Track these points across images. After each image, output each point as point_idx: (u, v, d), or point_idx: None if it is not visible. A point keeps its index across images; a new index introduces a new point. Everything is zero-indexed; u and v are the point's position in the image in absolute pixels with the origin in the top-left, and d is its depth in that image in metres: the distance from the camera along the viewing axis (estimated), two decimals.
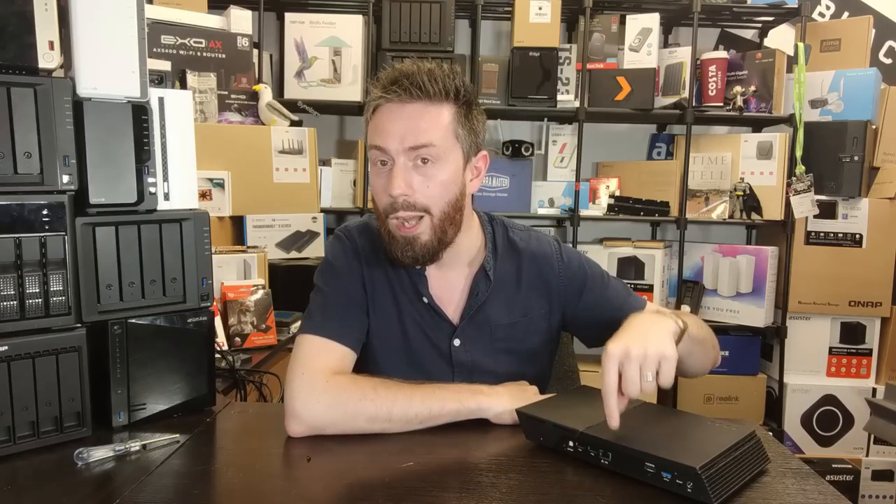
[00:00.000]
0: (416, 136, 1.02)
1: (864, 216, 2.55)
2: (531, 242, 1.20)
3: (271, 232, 2.16)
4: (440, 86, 1.03)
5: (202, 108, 2.13)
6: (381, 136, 1.03)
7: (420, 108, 1.03)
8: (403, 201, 1.03)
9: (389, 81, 1.03)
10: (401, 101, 1.03)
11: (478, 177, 1.13)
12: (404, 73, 1.03)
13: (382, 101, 1.04)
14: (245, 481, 0.84)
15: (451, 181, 1.06)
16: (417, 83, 1.02)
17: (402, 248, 1.06)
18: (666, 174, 2.69)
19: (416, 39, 2.49)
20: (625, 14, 2.59)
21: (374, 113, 1.06)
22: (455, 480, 0.85)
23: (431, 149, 1.02)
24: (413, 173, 1.03)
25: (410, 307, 1.14)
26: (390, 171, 1.03)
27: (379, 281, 1.14)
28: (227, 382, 1.40)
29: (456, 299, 1.15)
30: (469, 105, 1.07)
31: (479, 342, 1.15)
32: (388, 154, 1.03)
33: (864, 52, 2.63)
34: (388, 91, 1.03)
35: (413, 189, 1.03)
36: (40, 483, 0.84)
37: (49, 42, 0.92)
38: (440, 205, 1.05)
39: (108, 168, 0.97)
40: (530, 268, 1.18)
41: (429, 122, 1.03)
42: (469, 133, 1.07)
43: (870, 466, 2.54)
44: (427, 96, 1.02)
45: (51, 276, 0.92)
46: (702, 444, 0.84)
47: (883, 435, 1.81)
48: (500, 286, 1.16)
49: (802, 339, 2.65)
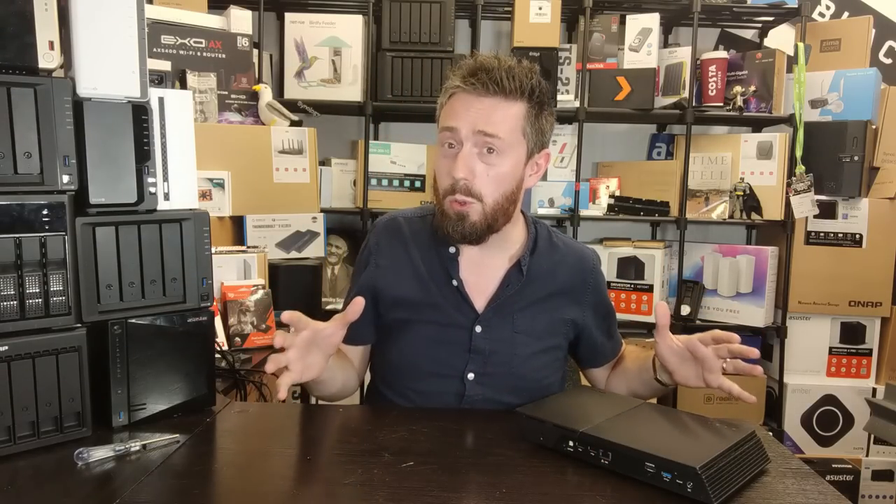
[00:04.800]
0: (486, 125, 1.07)
1: (864, 216, 2.55)
2: (574, 248, 1.27)
3: (271, 232, 2.16)
4: (517, 83, 1.07)
5: (202, 108, 2.13)
6: (454, 118, 1.09)
7: (494, 102, 1.08)
8: (463, 185, 1.08)
9: (469, 72, 1.08)
10: (477, 94, 1.08)
11: (537, 173, 1.18)
12: (484, 67, 1.08)
13: (459, 90, 1.09)
14: (245, 481, 0.84)
15: (510, 175, 1.11)
16: (495, 79, 1.06)
17: (453, 223, 1.11)
18: (666, 174, 2.69)
19: (416, 39, 2.48)
20: (625, 14, 2.59)
21: (450, 99, 1.12)
22: (455, 480, 0.85)
23: (497, 140, 1.07)
24: (477, 160, 1.09)
25: (437, 290, 1.18)
26: (456, 155, 1.09)
27: (401, 267, 1.20)
28: (227, 382, 1.40)
29: (488, 288, 1.19)
30: (541, 105, 1.12)
31: (501, 333, 1.17)
32: (456, 136, 1.08)
33: (864, 52, 2.62)
34: (466, 81, 1.08)
35: (474, 175, 1.08)
36: (40, 483, 0.84)
37: (49, 42, 0.92)
38: (495, 195, 1.10)
39: (108, 168, 0.96)
40: (567, 271, 1.23)
41: (500, 117, 1.08)
42: (536, 132, 1.13)
43: (870, 466, 2.54)
44: (503, 92, 1.07)
45: (51, 276, 0.92)
46: (702, 444, 0.84)
47: (883, 435, 1.81)
48: (532, 282, 1.19)
49: (802, 339, 2.65)
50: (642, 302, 2.63)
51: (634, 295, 2.65)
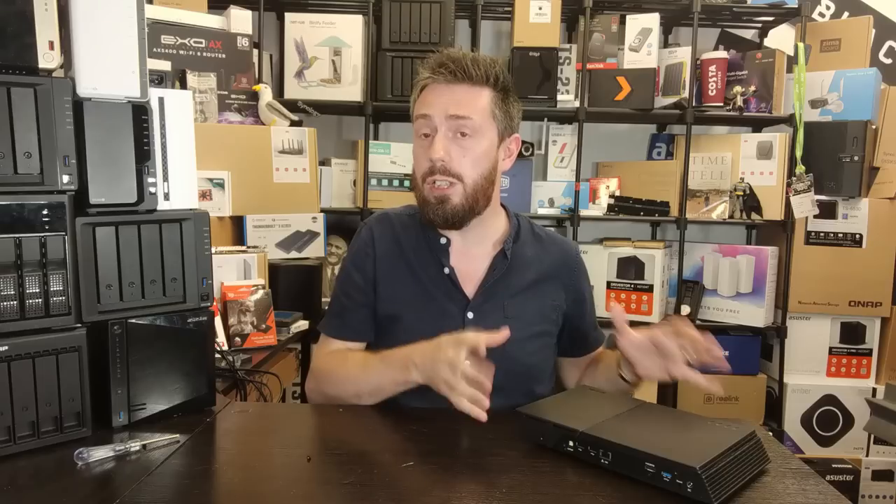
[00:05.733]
0: (458, 108, 1.14)
1: (864, 216, 2.56)
2: (556, 239, 1.33)
3: (271, 232, 2.16)
4: (482, 71, 1.15)
5: (202, 108, 2.13)
6: (427, 106, 1.16)
7: (463, 88, 1.15)
8: (441, 166, 1.14)
9: (438, 64, 1.16)
10: (447, 82, 1.15)
11: (510, 157, 1.25)
12: (451, 58, 1.16)
13: (430, 80, 1.17)
14: (245, 481, 0.84)
15: (485, 155, 1.17)
16: (462, 66, 1.14)
17: (433, 208, 1.16)
18: (666, 174, 2.69)
19: (416, 39, 2.49)
20: (625, 14, 2.59)
21: (422, 91, 1.19)
22: (455, 480, 0.86)
23: (469, 122, 1.14)
24: (452, 143, 1.15)
25: (429, 281, 1.23)
26: (432, 140, 1.15)
27: (395, 261, 1.24)
28: (227, 382, 1.40)
29: (477, 275, 1.24)
30: (506, 91, 1.19)
31: (492, 318, 1.21)
32: (431, 122, 1.15)
33: (864, 52, 2.63)
34: (435, 72, 1.16)
35: (451, 157, 1.14)
36: (40, 483, 0.83)
37: (49, 42, 0.92)
38: (473, 175, 1.16)
39: (108, 168, 0.96)
40: (551, 258, 1.28)
41: (469, 100, 1.15)
42: (504, 116, 1.19)
43: (870, 466, 2.54)
44: (469, 79, 1.15)
45: (51, 276, 0.92)
46: (702, 444, 0.84)
47: (883, 435, 1.81)
48: (517, 268, 1.24)
49: (802, 339, 2.65)
50: (642, 302, 2.63)
51: (634, 295, 2.65)
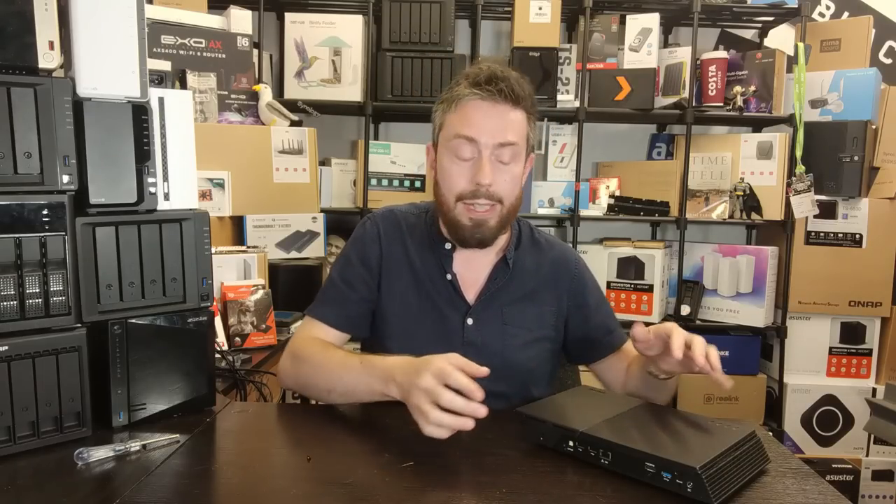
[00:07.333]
0: (506, 134, 1.13)
1: (864, 216, 2.56)
2: (555, 245, 1.32)
3: (271, 232, 2.16)
4: (524, 93, 1.15)
5: (202, 108, 2.13)
6: (473, 128, 1.13)
7: (507, 109, 1.14)
8: (486, 191, 1.13)
9: (484, 80, 1.13)
10: (493, 101, 1.13)
11: (526, 173, 1.24)
12: (498, 76, 1.13)
13: (475, 97, 1.13)
14: (245, 481, 0.84)
15: (520, 176, 1.19)
16: (510, 87, 1.12)
17: (469, 231, 1.16)
18: (666, 174, 2.69)
19: (416, 39, 2.49)
20: (625, 14, 2.59)
21: (460, 105, 1.15)
22: (455, 480, 0.86)
23: (514, 147, 1.14)
24: (496, 166, 1.14)
25: (431, 285, 1.23)
26: (477, 161, 1.14)
27: (399, 261, 1.24)
28: (227, 382, 1.40)
29: (478, 282, 1.24)
30: (535, 112, 1.20)
31: (491, 324, 1.22)
32: (477, 145, 1.13)
33: (864, 52, 2.63)
34: (482, 89, 1.12)
35: (495, 181, 1.14)
36: (40, 483, 0.83)
37: (49, 42, 0.92)
38: (510, 197, 1.17)
39: (108, 168, 0.96)
40: (549, 265, 1.28)
41: (514, 125, 1.14)
42: (532, 137, 1.21)
43: (870, 466, 2.54)
44: (514, 101, 1.13)
45: (51, 276, 0.92)
46: (702, 444, 0.84)
47: (883, 435, 1.81)
48: (518, 275, 1.25)
49: (802, 339, 2.65)
50: (642, 302, 2.63)
51: (634, 295, 2.65)
